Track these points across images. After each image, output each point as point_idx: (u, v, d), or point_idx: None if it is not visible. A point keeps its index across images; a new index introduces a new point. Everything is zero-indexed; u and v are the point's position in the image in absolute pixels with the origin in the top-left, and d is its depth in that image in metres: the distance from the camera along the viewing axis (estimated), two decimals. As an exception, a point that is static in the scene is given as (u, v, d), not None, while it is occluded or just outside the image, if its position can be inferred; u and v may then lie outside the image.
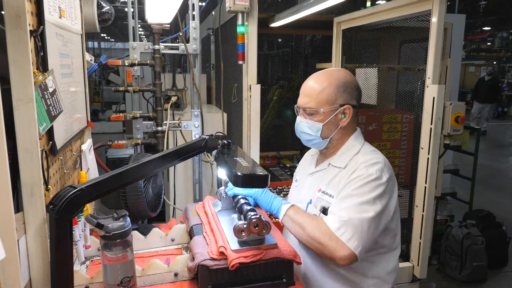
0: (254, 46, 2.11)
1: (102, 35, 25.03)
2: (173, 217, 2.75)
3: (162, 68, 2.31)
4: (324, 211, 1.38)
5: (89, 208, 1.60)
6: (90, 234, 1.63)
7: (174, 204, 2.56)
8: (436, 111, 2.37)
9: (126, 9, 2.98)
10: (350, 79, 1.45)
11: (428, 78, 2.44)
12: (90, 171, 1.72)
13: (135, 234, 1.70)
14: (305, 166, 1.67)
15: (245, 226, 1.38)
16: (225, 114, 2.75)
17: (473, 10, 17.73)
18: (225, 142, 1.53)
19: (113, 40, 28.64)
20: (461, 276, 3.93)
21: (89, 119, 1.83)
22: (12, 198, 0.98)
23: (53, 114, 1.17)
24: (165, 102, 2.54)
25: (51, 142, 1.20)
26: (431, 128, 2.40)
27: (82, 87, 1.79)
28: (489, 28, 21.58)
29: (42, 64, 1.16)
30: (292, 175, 4.37)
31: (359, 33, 3.44)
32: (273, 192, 3.65)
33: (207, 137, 1.44)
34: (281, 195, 3.47)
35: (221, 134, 2.34)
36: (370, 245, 1.33)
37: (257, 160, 2.21)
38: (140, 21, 2.63)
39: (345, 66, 3.54)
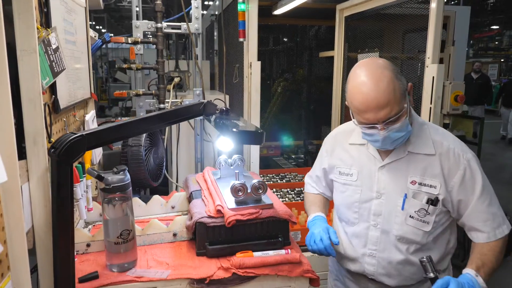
0: (254, 23, 2.14)
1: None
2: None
3: (166, 51, 2.36)
4: (432, 202, 1.31)
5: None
6: (93, 200, 1.68)
7: (177, 182, 2.60)
8: (436, 90, 2.38)
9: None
10: (390, 62, 1.31)
11: (428, 58, 2.45)
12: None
13: (136, 201, 1.75)
14: (359, 157, 1.45)
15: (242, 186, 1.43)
16: (227, 96, 2.79)
17: (481, 9, 17.62)
18: (224, 108, 1.57)
19: (120, 39, 28.95)
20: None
21: (92, 91, 1.88)
22: (16, 146, 1.02)
23: (56, 71, 1.22)
24: (168, 83, 2.58)
25: (53, 96, 1.24)
26: (430, 108, 2.42)
27: (86, 60, 1.83)
28: (497, 27, 21.43)
29: (46, 22, 1.21)
30: (296, 165, 4.40)
31: (362, 22, 3.45)
32: (276, 179, 3.60)
33: (206, 101, 1.47)
34: (284, 181, 3.49)
35: (221, 101, 2.37)
36: None
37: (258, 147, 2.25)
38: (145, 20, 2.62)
39: (347, 55, 3.57)
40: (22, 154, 1.13)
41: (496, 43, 24.14)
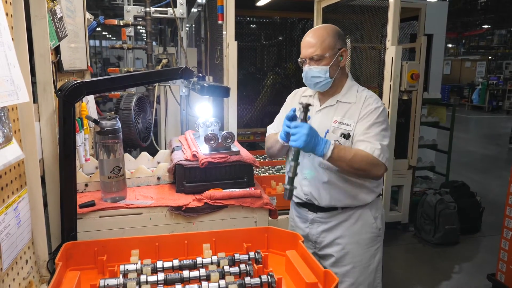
0: (232, 6, 2.43)
1: (103, 33, 25.46)
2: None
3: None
4: (344, 136, 1.66)
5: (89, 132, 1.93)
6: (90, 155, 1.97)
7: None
8: (394, 69, 2.69)
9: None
10: (339, 29, 1.74)
11: (388, 41, 2.76)
12: (89, 104, 2.05)
13: (127, 156, 2.04)
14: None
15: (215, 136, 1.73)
16: (211, 77, 3.09)
17: (473, 8, 18.07)
18: (200, 75, 1.87)
19: (114, 38, 29.09)
20: (434, 239, 4.22)
21: (89, 65, 2.17)
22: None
23: (60, 35, 1.51)
24: (157, 64, 2.87)
25: (58, 55, 1.54)
26: (390, 85, 2.73)
27: (83, 37, 2.13)
28: (488, 26, 21.90)
29: (52, -4, 1.50)
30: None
31: (337, 12, 3.74)
32: (259, 158, 3.85)
33: (184, 66, 1.77)
34: (266, 160, 3.79)
35: (197, 67, 2.66)
36: None
37: (235, 110, 2.53)
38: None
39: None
40: (34, 99, 1.42)
41: (483, 42, 24.61)
